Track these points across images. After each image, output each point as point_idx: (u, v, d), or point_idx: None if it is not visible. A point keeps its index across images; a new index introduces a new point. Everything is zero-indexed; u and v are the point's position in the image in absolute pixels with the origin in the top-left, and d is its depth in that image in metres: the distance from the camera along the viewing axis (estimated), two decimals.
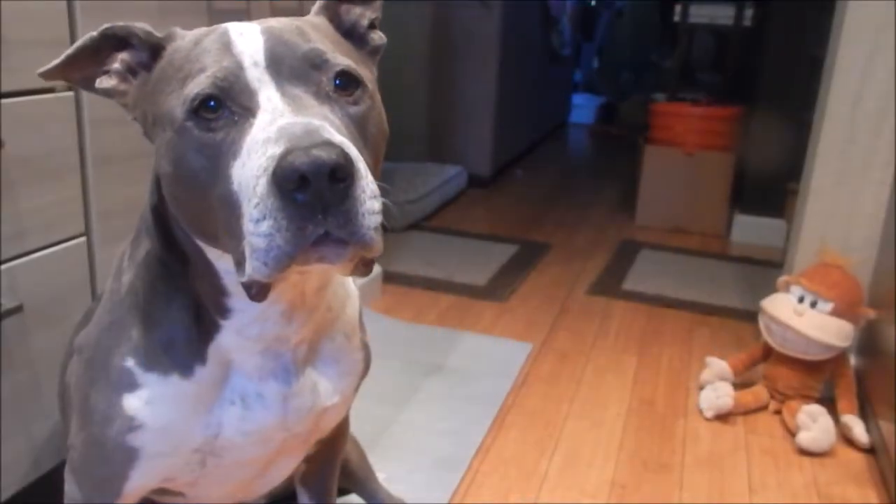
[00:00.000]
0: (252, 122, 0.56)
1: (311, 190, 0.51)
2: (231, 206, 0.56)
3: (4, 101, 0.92)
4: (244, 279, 0.56)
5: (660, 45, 5.09)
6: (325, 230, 0.53)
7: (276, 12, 1.49)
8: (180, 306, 0.69)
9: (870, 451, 1.47)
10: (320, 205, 0.52)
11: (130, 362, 0.70)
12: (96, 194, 1.08)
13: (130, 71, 0.67)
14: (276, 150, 0.53)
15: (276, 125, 0.55)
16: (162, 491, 0.80)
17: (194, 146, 0.58)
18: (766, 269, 2.34)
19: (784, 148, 2.56)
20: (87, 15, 1.02)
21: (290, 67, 0.60)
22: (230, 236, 0.57)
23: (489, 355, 1.79)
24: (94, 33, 0.65)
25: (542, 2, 4.02)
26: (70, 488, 0.78)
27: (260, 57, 0.59)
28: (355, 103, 0.61)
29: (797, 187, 1.87)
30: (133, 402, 0.70)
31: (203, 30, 0.65)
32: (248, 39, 0.61)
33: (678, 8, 3.42)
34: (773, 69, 2.76)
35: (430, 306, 2.07)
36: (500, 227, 2.84)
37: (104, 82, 0.66)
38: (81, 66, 0.66)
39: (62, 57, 0.64)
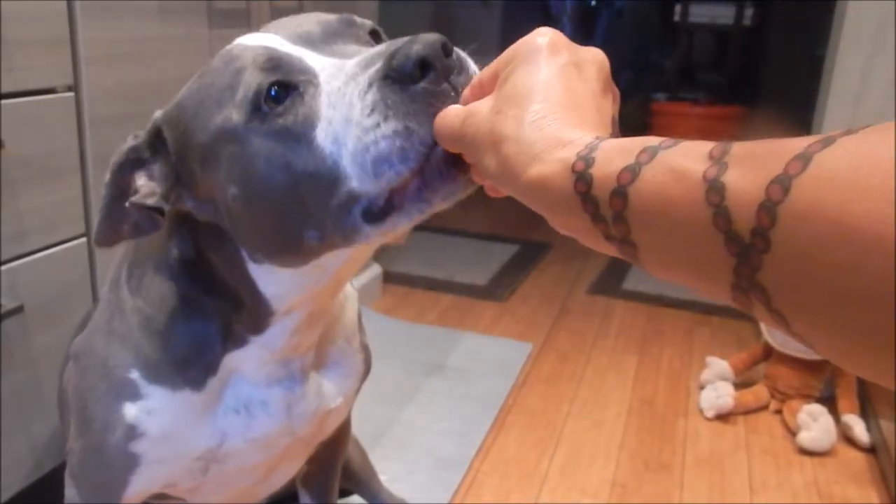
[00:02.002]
0: (318, 86, 0.54)
1: (435, 70, 0.49)
2: (323, 172, 0.52)
3: (4, 101, 0.92)
4: (360, 207, 0.52)
5: (660, 45, 5.09)
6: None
7: (276, 12, 1.49)
8: (205, 331, 0.67)
9: (870, 450, 1.47)
10: (444, 82, 0.49)
11: (135, 374, 0.68)
12: (97, 195, 1.08)
13: (153, 174, 0.63)
14: (373, 68, 0.50)
15: (346, 67, 0.53)
16: (162, 495, 0.80)
17: (267, 141, 0.54)
18: None
19: None
20: (87, 15, 1.02)
21: (321, 34, 0.58)
22: (324, 206, 0.53)
23: (490, 355, 1.79)
24: (106, 189, 0.61)
25: (543, 2, 4.02)
26: (70, 492, 0.77)
27: (282, 40, 0.58)
28: None
29: None
30: (134, 412, 0.69)
31: (199, 71, 0.61)
32: (259, 38, 0.59)
33: (678, 8, 3.42)
34: (774, 69, 2.76)
35: (431, 306, 2.07)
36: (500, 227, 2.84)
37: (150, 199, 0.61)
38: (121, 217, 0.61)
39: (99, 223, 0.61)
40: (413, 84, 0.49)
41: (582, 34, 5.61)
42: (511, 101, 0.43)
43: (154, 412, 0.68)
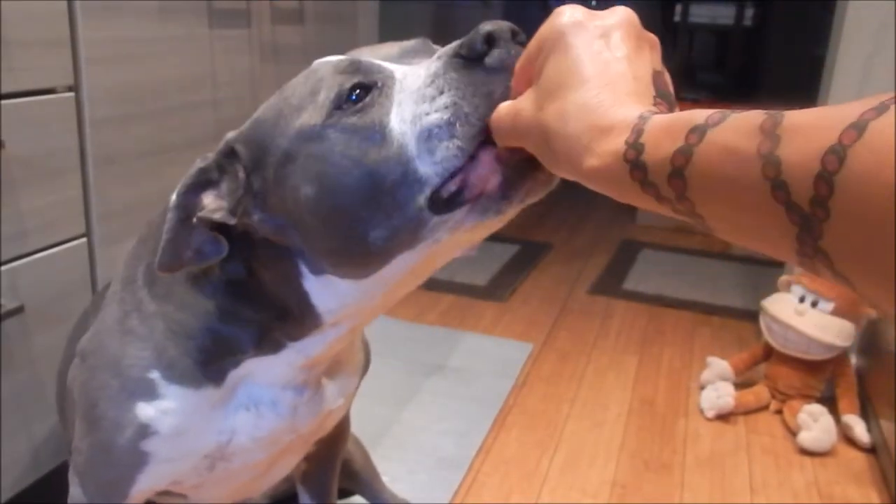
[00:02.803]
0: (395, 80, 0.55)
1: (499, 49, 0.51)
2: (393, 157, 0.53)
3: (5, 101, 0.92)
4: (424, 197, 0.53)
5: (661, 45, 5.08)
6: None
7: (276, 12, 1.49)
8: (239, 336, 0.67)
9: (871, 450, 1.47)
10: (506, 66, 0.51)
11: (155, 374, 0.68)
12: (97, 195, 1.08)
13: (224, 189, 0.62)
14: (448, 53, 0.52)
15: (423, 63, 0.55)
16: (165, 492, 0.80)
17: (343, 136, 0.55)
18: (768, 268, 2.34)
19: None
20: (87, 15, 1.02)
21: (399, 53, 0.60)
22: (393, 198, 0.53)
23: (490, 355, 1.79)
24: (173, 211, 0.60)
25: (544, 2, 4.02)
26: (75, 491, 0.77)
27: (363, 57, 0.59)
28: None
29: None
30: (149, 411, 0.69)
31: (278, 91, 0.62)
32: (337, 58, 0.61)
33: (678, 8, 3.42)
34: (774, 69, 2.76)
35: (431, 306, 2.07)
36: (500, 227, 2.84)
37: (217, 214, 0.61)
38: (186, 241, 0.61)
39: (164, 247, 0.60)
40: (480, 59, 0.51)
41: None
42: (549, 95, 0.44)
43: (170, 412, 0.69)
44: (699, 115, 0.37)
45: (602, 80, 0.43)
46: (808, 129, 0.31)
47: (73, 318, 0.97)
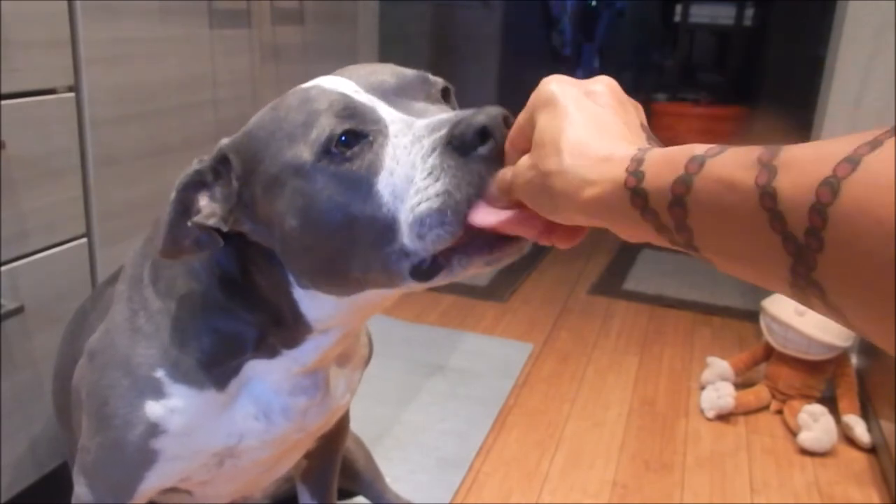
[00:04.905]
0: (386, 137, 0.57)
1: (493, 139, 0.52)
2: (379, 220, 0.55)
3: (5, 101, 0.92)
4: (406, 265, 0.56)
5: (661, 45, 5.09)
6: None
7: (276, 12, 1.49)
8: (239, 336, 0.69)
9: (871, 450, 1.47)
10: (498, 156, 0.53)
11: (160, 373, 0.69)
12: (97, 195, 1.08)
13: (214, 194, 0.65)
14: (438, 134, 0.54)
15: (415, 127, 0.56)
16: (170, 490, 0.81)
17: (331, 181, 0.57)
18: None
19: None
20: (87, 15, 1.03)
21: (395, 87, 0.61)
22: (375, 251, 0.56)
23: (490, 356, 1.79)
24: (171, 206, 0.62)
25: (543, 2, 4.02)
26: (81, 490, 0.77)
27: (357, 87, 0.60)
28: None
29: None
30: (158, 410, 0.70)
31: (270, 104, 0.63)
32: (335, 82, 0.61)
33: (679, 8, 3.42)
34: (774, 69, 2.76)
35: (432, 307, 2.07)
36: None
37: (211, 220, 0.63)
38: (184, 233, 0.63)
39: (164, 237, 0.63)
40: (472, 151, 0.52)
41: (582, 34, 5.61)
42: (545, 145, 0.45)
43: (177, 410, 0.70)
44: (698, 147, 0.38)
45: (595, 125, 0.45)
46: (803, 162, 0.32)
47: None
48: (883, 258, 0.28)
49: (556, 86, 0.48)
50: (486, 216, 0.52)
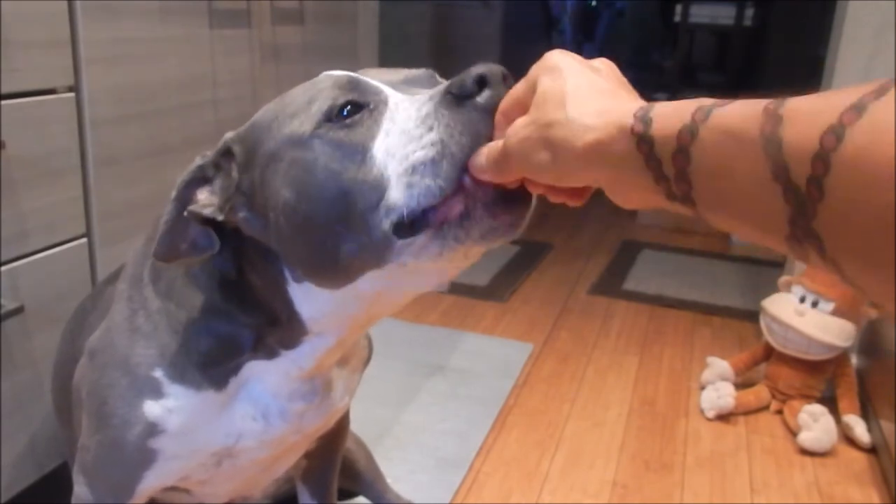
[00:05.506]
0: (386, 105, 0.57)
1: (490, 91, 0.51)
2: (369, 181, 0.54)
3: (5, 101, 0.92)
4: (391, 220, 0.54)
5: (661, 45, 5.09)
6: None
7: (276, 12, 1.49)
8: (237, 337, 0.69)
9: (871, 450, 1.47)
10: (495, 109, 0.52)
11: (159, 373, 0.69)
12: (97, 195, 1.08)
13: (215, 184, 0.65)
14: (439, 90, 0.54)
15: (417, 96, 0.56)
16: (169, 489, 0.81)
17: (327, 147, 0.56)
18: (768, 268, 2.34)
19: None
20: (87, 15, 1.02)
21: (403, 80, 0.61)
22: (363, 220, 0.55)
23: (491, 356, 1.79)
24: (171, 204, 0.63)
25: (543, 2, 4.02)
26: (81, 490, 0.77)
27: (364, 77, 0.60)
28: None
29: None
30: (156, 410, 0.70)
31: (278, 97, 0.64)
32: (340, 73, 0.62)
33: (679, 8, 3.42)
34: (774, 69, 2.76)
35: (432, 307, 2.07)
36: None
37: (207, 209, 0.63)
38: (182, 233, 0.64)
39: (161, 238, 0.63)
40: (471, 98, 0.51)
41: (583, 34, 5.61)
42: (546, 100, 0.45)
43: (175, 410, 0.70)
44: (707, 100, 0.38)
45: (597, 88, 0.45)
46: (810, 111, 0.32)
47: None
48: (882, 202, 0.28)
49: (559, 55, 0.48)
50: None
